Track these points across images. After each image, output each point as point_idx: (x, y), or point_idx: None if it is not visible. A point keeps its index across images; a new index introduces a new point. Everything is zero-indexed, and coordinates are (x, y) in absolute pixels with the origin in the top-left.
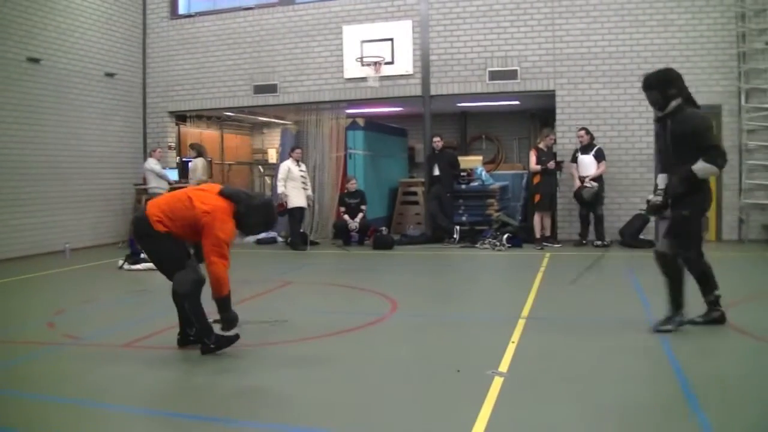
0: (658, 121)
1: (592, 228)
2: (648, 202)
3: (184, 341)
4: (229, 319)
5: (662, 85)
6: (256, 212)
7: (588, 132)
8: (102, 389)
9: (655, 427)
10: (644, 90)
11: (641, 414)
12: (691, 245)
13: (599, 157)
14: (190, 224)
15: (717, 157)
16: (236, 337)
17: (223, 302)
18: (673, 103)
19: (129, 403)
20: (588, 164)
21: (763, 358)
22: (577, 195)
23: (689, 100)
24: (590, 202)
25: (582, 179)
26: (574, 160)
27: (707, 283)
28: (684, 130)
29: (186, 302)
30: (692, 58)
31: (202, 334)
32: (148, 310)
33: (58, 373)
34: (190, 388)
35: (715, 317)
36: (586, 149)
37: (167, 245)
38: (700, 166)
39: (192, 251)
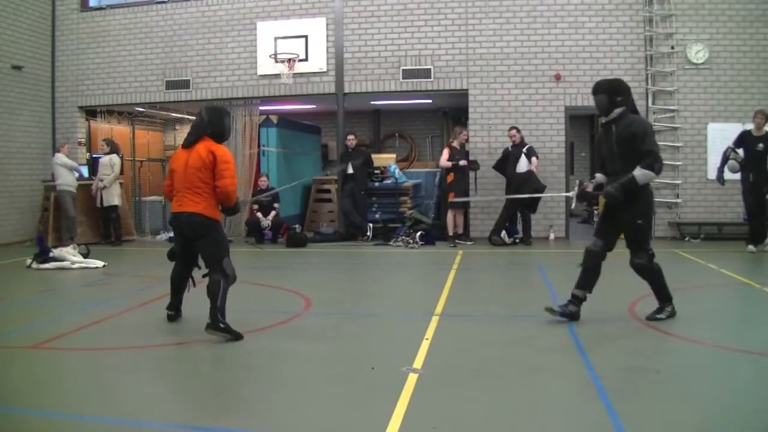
0: (603, 126)
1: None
2: (579, 185)
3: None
4: (237, 209)
5: (611, 91)
6: (219, 122)
7: (519, 131)
8: (8, 393)
9: (567, 419)
10: (593, 94)
11: (553, 407)
12: (645, 246)
13: (530, 154)
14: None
15: (654, 162)
16: (241, 336)
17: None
18: (618, 110)
19: (37, 407)
20: (521, 162)
21: (669, 351)
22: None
23: (634, 111)
24: (530, 204)
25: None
26: (506, 158)
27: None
28: (629, 132)
29: (227, 283)
30: (602, 60)
31: (219, 313)
32: (57, 311)
33: None
34: (97, 389)
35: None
36: (517, 147)
37: (222, 233)
38: (639, 173)
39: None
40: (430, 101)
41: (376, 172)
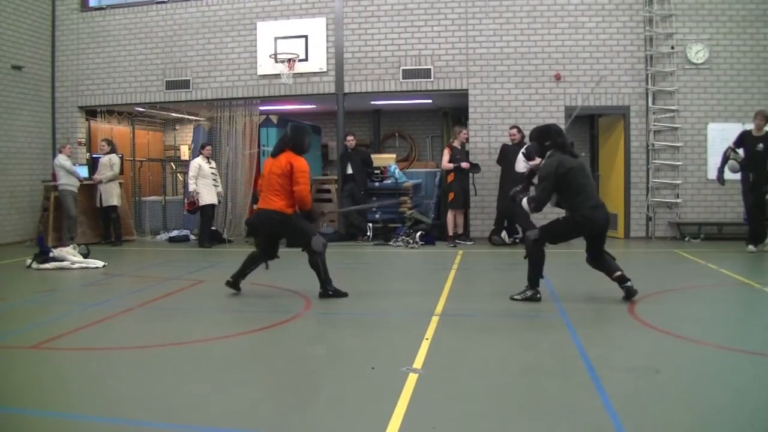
0: None
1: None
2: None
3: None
4: (313, 218)
5: (539, 137)
6: (300, 138)
7: (520, 130)
8: (8, 393)
9: (567, 419)
10: (530, 139)
11: (553, 407)
12: (543, 232)
13: (530, 155)
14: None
15: (531, 202)
16: (346, 294)
17: (309, 212)
18: (549, 153)
19: (37, 407)
20: (519, 162)
21: (668, 351)
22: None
23: (567, 151)
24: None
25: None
26: (503, 154)
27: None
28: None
29: (320, 258)
30: (602, 60)
31: (325, 283)
32: (57, 311)
33: None
34: (97, 389)
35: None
36: (515, 146)
37: (299, 222)
38: (525, 201)
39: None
40: (430, 101)
41: (376, 172)
